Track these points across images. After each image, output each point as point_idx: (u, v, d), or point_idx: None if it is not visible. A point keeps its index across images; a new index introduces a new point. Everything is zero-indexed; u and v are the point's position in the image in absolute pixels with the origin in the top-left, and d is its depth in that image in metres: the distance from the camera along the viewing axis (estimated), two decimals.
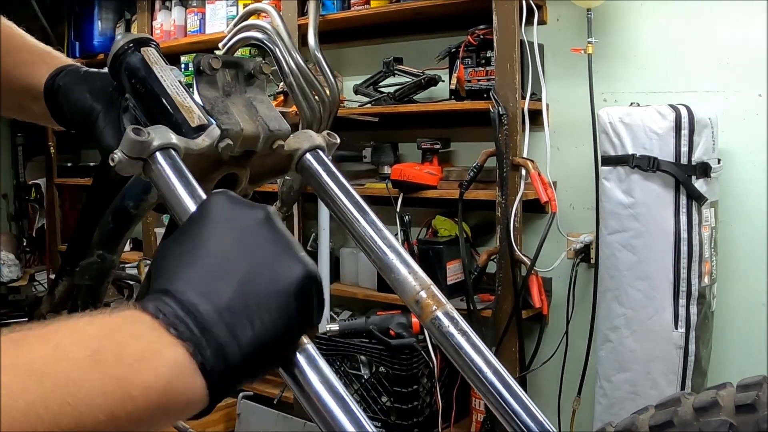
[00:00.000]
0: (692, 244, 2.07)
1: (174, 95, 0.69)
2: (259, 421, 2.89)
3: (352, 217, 0.73)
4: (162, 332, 0.47)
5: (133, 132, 0.60)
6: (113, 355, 0.44)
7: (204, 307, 0.48)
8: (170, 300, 0.48)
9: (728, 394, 0.66)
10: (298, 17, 2.84)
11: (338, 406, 0.53)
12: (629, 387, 2.16)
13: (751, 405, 0.63)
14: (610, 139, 2.17)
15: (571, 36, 2.51)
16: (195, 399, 0.47)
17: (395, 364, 2.43)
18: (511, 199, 2.40)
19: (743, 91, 2.27)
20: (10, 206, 4.38)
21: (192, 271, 0.50)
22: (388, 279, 0.71)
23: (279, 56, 0.94)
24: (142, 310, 0.48)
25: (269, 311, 0.49)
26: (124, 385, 0.43)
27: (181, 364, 0.46)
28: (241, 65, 0.73)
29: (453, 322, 0.67)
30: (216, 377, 0.47)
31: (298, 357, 0.53)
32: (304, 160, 0.75)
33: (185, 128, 0.67)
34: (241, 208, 0.54)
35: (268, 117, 0.71)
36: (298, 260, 0.51)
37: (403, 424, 2.44)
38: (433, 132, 2.80)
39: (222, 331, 0.48)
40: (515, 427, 0.64)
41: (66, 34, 4.00)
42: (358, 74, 3.02)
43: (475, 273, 2.55)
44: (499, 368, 0.66)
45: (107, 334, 0.45)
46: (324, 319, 2.74)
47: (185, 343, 0.46)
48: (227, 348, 0.47)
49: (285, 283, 0.50)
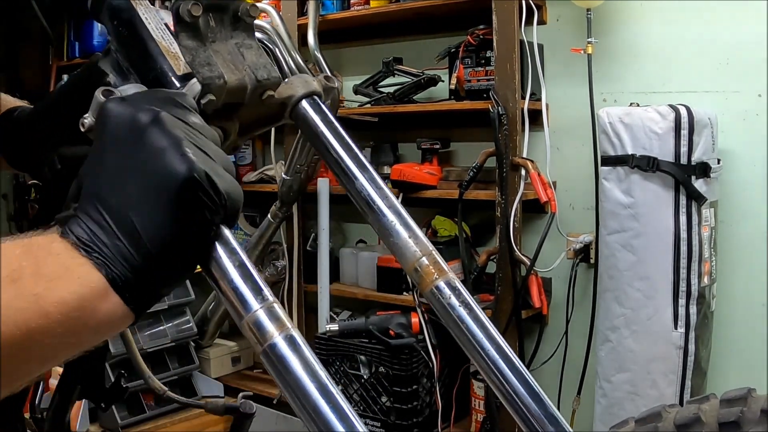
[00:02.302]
0: (692, 244, 2.07)
1: (159, 40, 0.63)
2: (259, 421, 2.89)
3: (350, 172, 0.67)
4: (74, 252, 0.49)
5: (103, 94, 0.55)
6: (30, 274, 0.46)
7: (104, 223, 0.50)
8: (80, 220, 0.50)
9: (711, 408, 0.63)
10: (297, 17, 2.84)
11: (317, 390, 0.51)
12: (629, 387, 2.16)
13: (734, 422, 0.60)
14: (610, 139, 2.17)
15: (570, 36, 2.51)
16: (115, 313, 0.49)
17: (395, 364, 2.43)
18: (511, 199, 2.40)
19: (743, 91, 2.27)
20: (10, 206, 4.38)
21: (93, 188, 0.52)
22: (386, 242, 0.65)
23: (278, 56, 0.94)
24: (60, 232, 0.50)
25: (161, 213, 0.50)
26: (39, 301, 0.45)
27: (92, 281, 0.48)
28: (225, 8, 0.66)
29: (455, 293, 0.62)
30: (130, 288, 0.49)
31: (276, 340, 0.51)
32: (298, 108, 0.69)
33: (171, 76, 0.62)
34: (128, 113, 0.53)
35: (256, 65, 0.65)
36: (181, 159, 0.50)
37: (402, 424, 2.44)
38: (432, 132, 2.80)
39: (123, 242, 0.49)
40: (517, 409, 0.60)
41: (66, 34, 4.00)
42: (357, 74, 3.02)
43: (474, 273, 2.55)
44: (502, 344, 0.62)
45: (27, 253, 0.47)
46: (324, 319, 2.74)
47: (94, 261, 0.49)
48: (130, 257, 0.49)
49: (169, 182, 0.50)
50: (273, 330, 0.51)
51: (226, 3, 0.66)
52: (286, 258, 2.99)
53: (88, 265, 0.48)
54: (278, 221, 2.79)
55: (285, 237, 2.98)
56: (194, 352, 3.10)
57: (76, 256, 0.49)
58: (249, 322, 0.51)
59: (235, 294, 0.52)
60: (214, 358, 3.22)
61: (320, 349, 2.60)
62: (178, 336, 2.98)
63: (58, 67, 4.01)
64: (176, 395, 1.21)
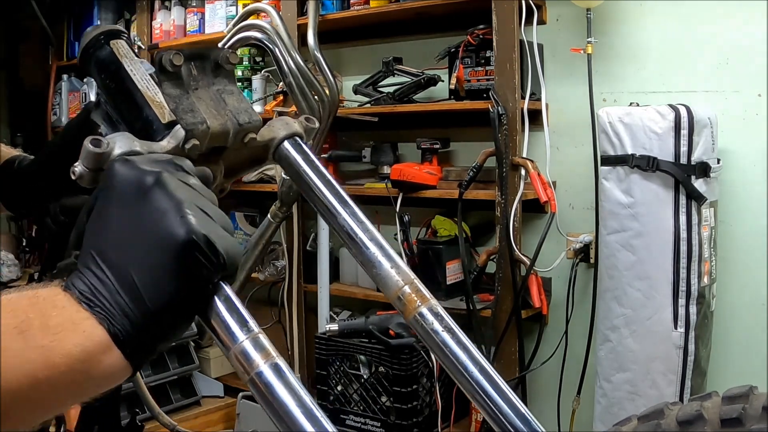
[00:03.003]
0: (692, 243, 2.07)
1: (144, 90, 0.66)
2: (259, 421, 2.89)
3: (332, 208, 0.69)
4: (77, 306, 0.50)
5: (92, 144, 0.57)
6: (38, 327, 0.47)
7: (105, 279, 0.51)
8: (81, 274, 0.52)
9: (713, 405, 0.64)
10: (297, 17, 2.84)
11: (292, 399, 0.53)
12: (629, 387, 2.16)
13: (736, 419, 0.61)
14: (610, 139, 2.17)
15: (570, 36, 2.51)
16: (116, 367, 0.51)
17: (395, 364, 2.43)
18: (511, 199, 2.40)
19: (743, 91, 2.27)
20: None
21: (96, 244, 0.53)
22: (369, 274, 0.68)
23: (278, 56, 0.94)
24: (62, 286, 0.51)
25: (161, 272, 0.52)
26: (46, 353, 0.47)
27: (96, 335, 0.50)
28: (206, 56, 0.68)
29: (438, 319, 0.65)
30: (130, 343, 0.51)
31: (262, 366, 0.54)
32: (281, 149, 0.72)
33: (156, 125, 0.65)
34: (133, 174, 0.55)
35: (237, 110, 0.68)
36: (181, 222, 0.52)
37: (402, 423, 2.44)
38: (432, 132, 2.80)
39: (124, 299, 0.51)
40: (503, 427, 0.62)
41: (65, 34, 4.01)
42: (357, 74, 3.02)
43: (474, 273, 2.55)
44: (486, 366, 0.64)
45: (34, 306, 0.49)
46: (324, 319, 2.74)
47: (97, 315, 0.50)
48: (130, 313, 0.51)
49: (170, 243, 0.52)
50: (259, 359, 0.54)
51: (206, 52, 0.68)
52: (285, 258, 2.99)
53: (92, 319, 0.50)
54: (278, 221, 2.77)
55: (285, 237, 2.98)
56: (194, 351, 3.10)
57: (80, 310, 0.50)
58: (236, 353, 0.54)
59: (223, 326, 0.55)
60: (214, 357, 3.22)
61: (320, 349, 2.60)
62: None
63: (58, 67, 4.02)
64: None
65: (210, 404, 3.11)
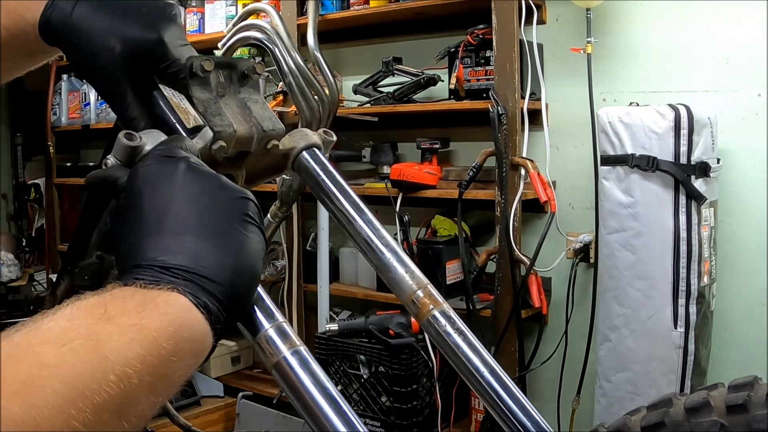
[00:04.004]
0: (691, 243, 2.07)
1: (170, 97, 0.69)
2: (259, 420, 2.89)
3: (349, 216, 0.73)
4: (148, 289, 0.49)
5: (126, 137, 0.60)
6: (119, 313, 0.45)
7: (175, 262, 0.51)
8: (143, 270, 0.50)
9: (720, 394, 0.66)
10: (297, 17, 2.84)
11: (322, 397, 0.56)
12: (629, 386, 2.16)
13: (742, 405, 0.63)
14: (610, 139, 2.17)
15: (570, 36, 2.51)
16: (201, 331, 0.50)
17: (395, 363, 2.43)
18: (511, 199, 2.41)
19: (743, 91, 2.27)
20: (9, 206, 4.38)
21: (152, 238, 0.52)
22: (385, 278, 0.71)
23: (278, 56, 0.94)
24: (118, 284, 0.49)
25: (233, 242, 0.53)
26: (142, 330, 0.45)
27: (182, 303, 0.49)
28: (234, 66, 0.72)
29: (450, 321, 0.67)
30: (214, 314, 0.51)
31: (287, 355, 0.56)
32: (300, 159, 0.76)
33: (181, 130, 0.68)
34: (164, 165, 0.56)
35: (262, 117, 0.71)
36: (236, 190, 0.56)
37: (402, 423, 2.44)
38: (432, 132, 2.80)
39: (200, 274, 0.51)
40: (512, 427, 0.64)
41: None
42: (357, 74, 3.02)
43: (474, 273, 2.55)
44: (496, 368, 0.66)
45: (101, 302, 0.47)
46: (324, 319, 2.74)
47: (177, 287, 0.49)
48: (210, 286, 0.51)
49: (239, 212, 0.55)
50: (282, 346, 0.57)
51: (235, 61, 0.72)
52: (285, 258, 2.99)
53: (166, 292, 0.49)
54: (278, 221, 2.78)
55: (285, 237, 2.98)
56: None
57: (150, 290, 0.49)
58: (262, 338, 0.57)
59: (249, 316, 0.58)
60: (214, 357, 3.22)
61: (320, 348, 2.60)
62: None
63: (57, 67, 4.01)
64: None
65: (210, 404, 3.11)
